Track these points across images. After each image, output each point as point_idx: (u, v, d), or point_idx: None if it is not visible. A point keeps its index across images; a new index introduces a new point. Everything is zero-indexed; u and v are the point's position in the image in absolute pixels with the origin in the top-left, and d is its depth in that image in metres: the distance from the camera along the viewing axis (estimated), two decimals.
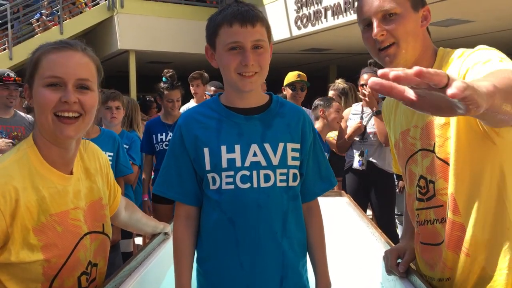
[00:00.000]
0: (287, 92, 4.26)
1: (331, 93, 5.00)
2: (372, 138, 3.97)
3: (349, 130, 4.04)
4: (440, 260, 1.39)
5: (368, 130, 3.99)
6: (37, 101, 1.25)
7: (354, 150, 4.07)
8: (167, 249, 2.00)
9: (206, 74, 5.00)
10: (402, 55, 1.37)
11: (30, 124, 3.78)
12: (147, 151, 4.20)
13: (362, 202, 3.86)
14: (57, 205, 1.28)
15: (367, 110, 4.06)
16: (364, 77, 4.01)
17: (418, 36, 1.39)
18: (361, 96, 4.01)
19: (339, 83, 4.98)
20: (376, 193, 3.99)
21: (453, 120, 1.30)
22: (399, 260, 1.57)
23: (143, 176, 4.22)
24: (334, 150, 4.40)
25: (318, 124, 3.78)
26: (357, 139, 4.04)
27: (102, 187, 1.47)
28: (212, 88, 4.88)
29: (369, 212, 4.12)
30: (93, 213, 1.40)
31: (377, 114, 3.84)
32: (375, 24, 1.37)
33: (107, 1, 10.70)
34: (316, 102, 3.88)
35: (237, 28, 1.35)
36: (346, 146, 4.10)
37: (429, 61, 1.41)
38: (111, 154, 3.14)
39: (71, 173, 1.36)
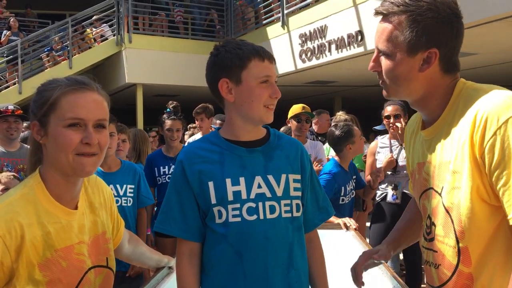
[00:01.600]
0: (292, 124, 4.30)
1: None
2: (404, 171, 3.85)
3: (381, 164, 3.94)
4: None
5: (400, 164, 3.90)
6: (58, 141, 1.27)
7: (387, 183, 3.98)
8: (171, 283, 1.98)
9: (210, 107, 5.05)
10: (391, 94, 1.36)
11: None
12: (149, 184, 4.22)
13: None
14: (62, 240, 1.29)
15: (395, 143, 4.02)
16: (388, 109, 4.00)
17: (414, 80, 1.30)
18: (391, 130, 3.97)
19: (340, 115, 5.02)
20: None
21: (465, 171, 1.21)
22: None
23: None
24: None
25: (337, 157, 3.62)
26: (389, 172, 3.96)
27: (106, 220, 1.48)
28: (218, 122, 4.94)
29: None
30: (97, 247, 1.40)
31: None
32: (374, 56, 1.36)
33: (115, 37, 10.93)
34: (336, 133, 3.64)
35: (267, 63, 1.44)
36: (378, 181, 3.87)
37: (441, 100, 1.31)
38: (132, 186, 3.16)
39: (76, 207, 1.36)
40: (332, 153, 4.88)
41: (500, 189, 1.14)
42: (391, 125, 3.98)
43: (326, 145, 5.39)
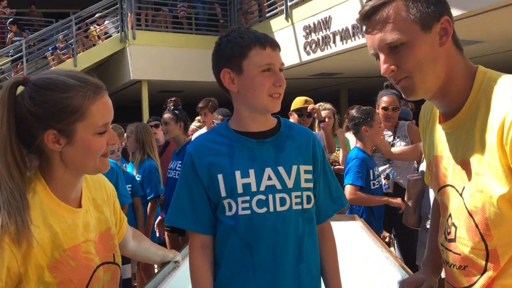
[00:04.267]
0: (293, 117, 4.25)
1: (324, 112, 5.00)
2: (397, 161, 3.90)
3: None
4: None
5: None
6: (89, 148, 1.24)
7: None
8: (178, 277, 1.98)
9: (213, 101, 5.01)
10: (419, 87, 1.20)
11: None
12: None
13: (387, 224, 3.79)
14: (69, 239, 1.27)
15: (388, 132, 4.04)
16: (385, 99, 3.99)
17: (438, 58, 1.18)
18: (386, 122, 3.96)
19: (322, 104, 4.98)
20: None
21: (491, 175, 1.12)
22: None
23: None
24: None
25: (360, 143, 3.57)
26: (383, 161, 3.96)
27: (109, 217, 1.46)
28: (220, 117, 4.92)
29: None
30: (103, 244, 1.39)
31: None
32: (381, 59, 1.21)
33: (119, 34, 10.93)
34: (354, 114, 3.60)
35: (269, 51, 1.40)
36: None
37: (463, 87, 1.20)
38: None
39: (80, 205, 1.35)
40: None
41: None
42: (388, 116, 3.97)
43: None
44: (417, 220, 3.33)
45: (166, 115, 4.11)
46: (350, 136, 4.72)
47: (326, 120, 4.48)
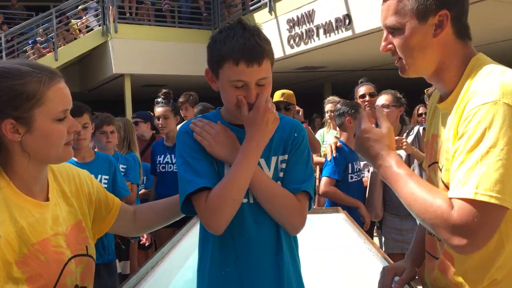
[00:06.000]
0: None
1: (328, 106, 5.01)
2: None
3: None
4: (433, 274, 1.37)
5: None
6: (49, 136, 1.22)
7: (369, 168, 3.92)
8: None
9: (194, 95, 4.96)
10: (410, 69, 1.31)
11: None
12: (152, 173, 4.28)
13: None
14: (37, 233, 1.24)
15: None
16: (362, 89, 4.04)
17: (429, 48, 1.27)
18: (367, 109, 3.91)
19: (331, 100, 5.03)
20: None
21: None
22: (397, 278, 1.52)
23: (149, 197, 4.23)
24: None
25: (344, 136, 3.63)
26: None
27: (80, 209, 1.42)
28: (196, 111, 4.86)
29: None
30: (75, 237, 1.36)
31: None
32: (383, 35, 1.33)
33: (101, 27, 10.78)
34: (340, 107, 3.65)
35: (243, 68, 1.33)
36: None
37: (457, 71, 1.28)
38: (107, 177, 3.12)
39: (47, 199, 1.32)
40: (327, 139, 4.87)
41: (455, 165, 1.15)
42: (366, 103, 3.97)
43: (322, 130, 5.36)
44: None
45: (164, 109, 4.06)
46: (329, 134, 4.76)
47: (329, 114, 4.46)
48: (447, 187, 1.25)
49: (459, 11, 1.27)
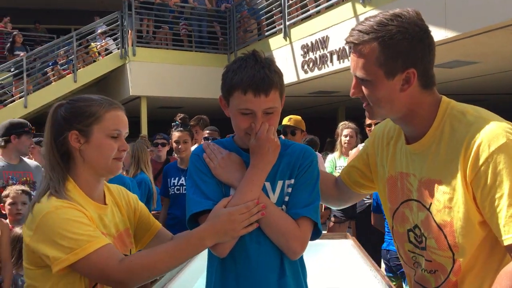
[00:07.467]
0: None
1: (346, 131, 5.02)
2: None
3: None
4: None
5: None
6: (102, 148, 1.50)
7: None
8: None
9: (204, 118, 5.04)
10: (377, 115, 1.41)
11: (37, 169, 3.88)
12: (164, 194, 4.31)
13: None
14: (97, 227, 1.46)
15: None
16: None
17: (396, 100, 1.33)
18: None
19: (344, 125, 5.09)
20: None
21: (457, 194, 1.28)
22: None
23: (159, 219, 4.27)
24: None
25: None
26: None
27: (129, 219, 1.65)
28: (206, 132, 4.93)
29: None
30: (123, 240, 1.58)
31: None
32: (353, 82, 1.40)
33: (120, 50, 11.04)
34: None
35: (250, 97, 1.42)
36: None
37: (426, 117, 1.35)
38: None
39: (105, 203, 1.58)
40: (339, 163, 4.88)
41: (492, 212, 1.21)
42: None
43: (332, 156, 5.26)
44: None
45: (184, 133, 4.16)
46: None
47: (348, 139, 4.60)
48: (440, 227, 1.32)
49: (426, 66, 1.32)
